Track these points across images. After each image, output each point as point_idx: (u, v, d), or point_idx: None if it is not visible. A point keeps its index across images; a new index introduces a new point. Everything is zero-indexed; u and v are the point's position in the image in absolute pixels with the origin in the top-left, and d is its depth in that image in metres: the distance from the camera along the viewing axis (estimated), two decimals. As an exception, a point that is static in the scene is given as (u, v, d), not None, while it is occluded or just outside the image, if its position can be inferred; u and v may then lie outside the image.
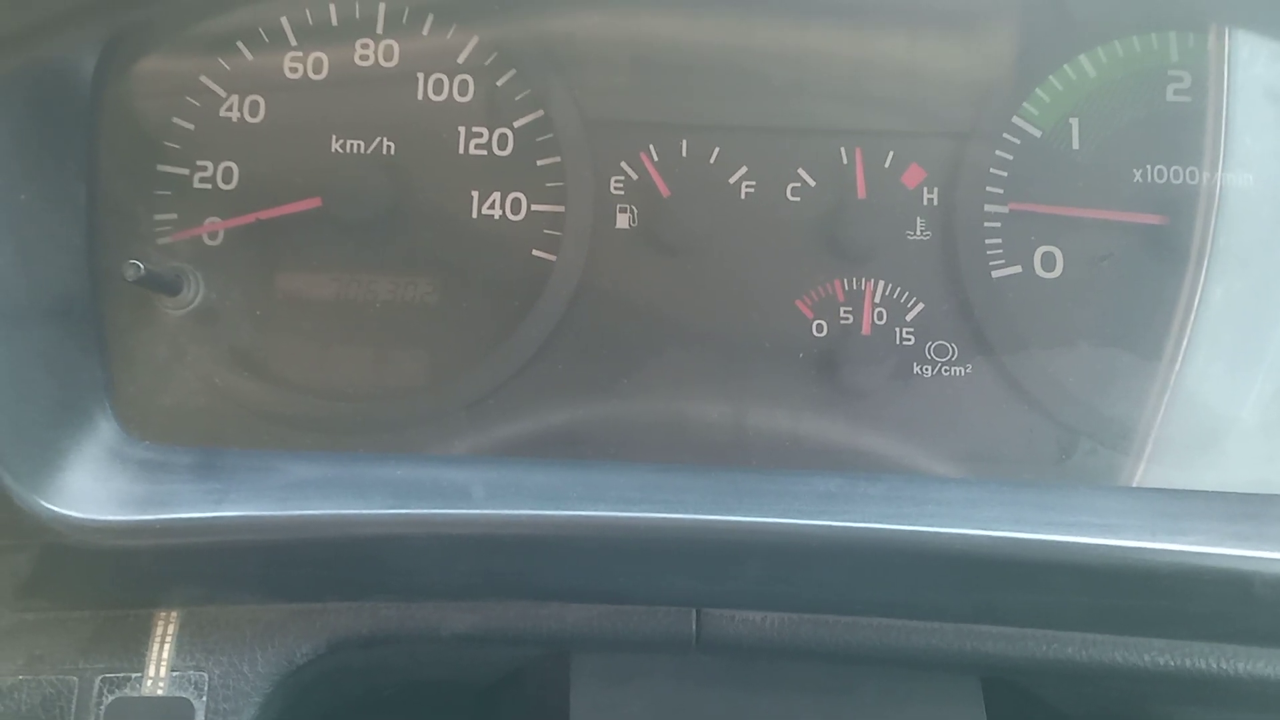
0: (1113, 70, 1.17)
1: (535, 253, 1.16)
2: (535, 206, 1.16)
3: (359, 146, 1.17)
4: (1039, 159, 1.16)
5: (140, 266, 1.06)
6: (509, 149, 1.17)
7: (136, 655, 0.97)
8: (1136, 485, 1.13)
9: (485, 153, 1.17)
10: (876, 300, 1.15)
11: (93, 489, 0.96)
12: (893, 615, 1.00)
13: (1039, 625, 1.00)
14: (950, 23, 1.18)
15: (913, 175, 1.17)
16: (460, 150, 1.17)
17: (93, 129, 1.12)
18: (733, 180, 1.17)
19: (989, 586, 0.98)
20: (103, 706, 0.94)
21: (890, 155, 1.17)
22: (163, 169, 1.16)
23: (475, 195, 1.16)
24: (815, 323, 1.15)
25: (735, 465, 1.11)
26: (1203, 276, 1.14)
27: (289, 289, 1.16)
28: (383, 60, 1.18)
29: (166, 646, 0.97)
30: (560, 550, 0.97)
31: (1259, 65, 1.17)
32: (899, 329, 1.15)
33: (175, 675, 0.96)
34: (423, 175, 1.17)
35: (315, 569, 0.99)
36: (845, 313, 1.15)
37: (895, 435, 1.13)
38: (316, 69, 1.18)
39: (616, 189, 1.17)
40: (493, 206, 1.16)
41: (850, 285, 1.16)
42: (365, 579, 1.00)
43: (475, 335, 1.15)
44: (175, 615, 0.98)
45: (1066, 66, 1.17)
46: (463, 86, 1.18)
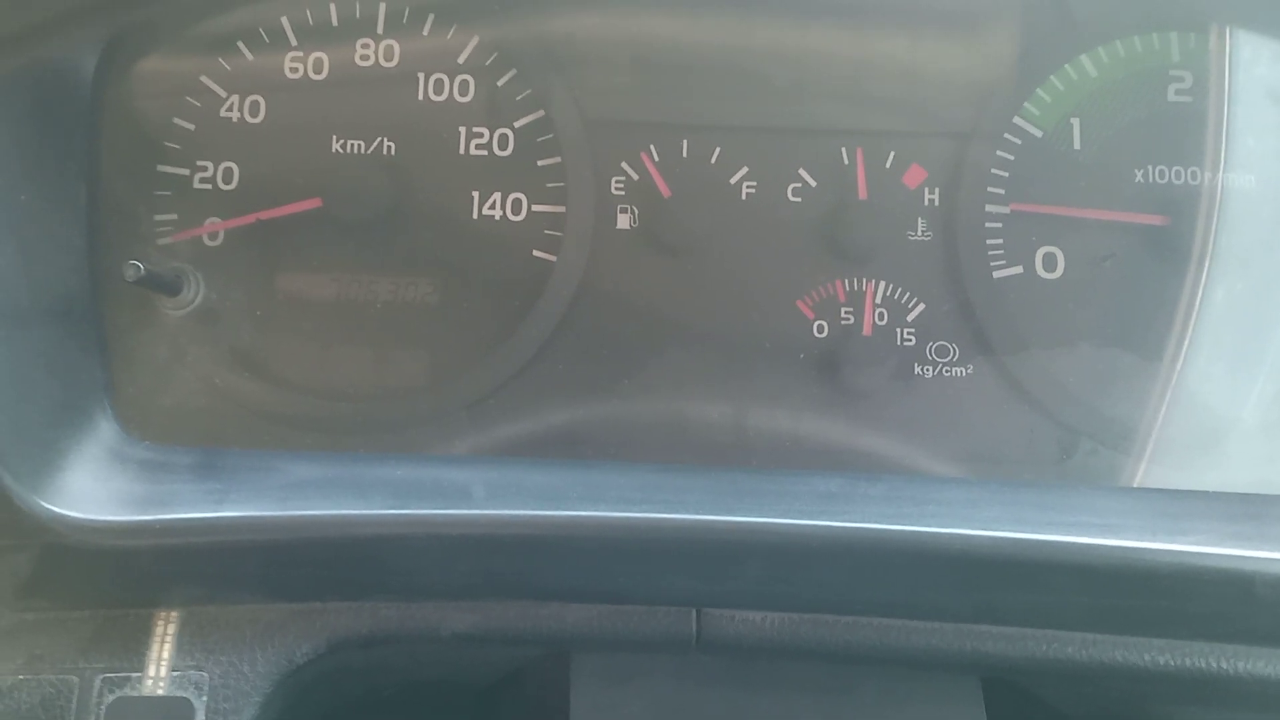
0: (1114, 70, 1.17)
1: (536, 253, 1.16)
2: (536, 207, 1.16)
3: (359, 147, 1.17)
4: (1040, 159, 1.16)
5: (140, 267, 1.06)
6: (509, 149, 1.17)
7: (137, 655, 0.97)
8: (1137, 485, 1.13)
9: (486, 153, 1.17)
10: (877, 301, 1.15)
11: (93, 489, 0.96)
12: (893, 615, 1.00)
13: (1039, 625, 1.00)
14: (951, 23, 1.18)
15: (914, 175, 1.17)
16: (461, 150, 1.17)
17: (93, 129, 1.12)
18: (734, 180, 1.17)
19: (989, 586, 0.98)
20: (103, 706, 0.94)
21: (891, 155, 1.17)
22: (163, 169, 1.16)
23: (476, 195, 1.16)
24: (816, 323, 1.15)
25: (736, 466, 1.11)
26: (1204, 277, 1.14)
27: (289, 289, 1.16)
28: (383, 60, 1.18)
29: (167, 646, 0.97)
30: (560, 550, 0.97)
31: (1260, 65, 1.17)
32: (900, 329, 1.15)
33: (175, 675, 0.96)
34: (423, 175, 1.17)
35: (315, 569, 0.99)
36: (846, 313, 1.15)
37: (896, 436, 1.13)
38: (317, 69, 1.18)
39: (617, 189, 1.17)
40: (493, 207, 1.16)
41: (851, 286, 1.16)
42: (365, 579, 1.00)
43: (476, 335, 1.15)
44: (175, 615, 0.98)
45: (1068, 66, 1.17)
46: (463, 87, 1.18)
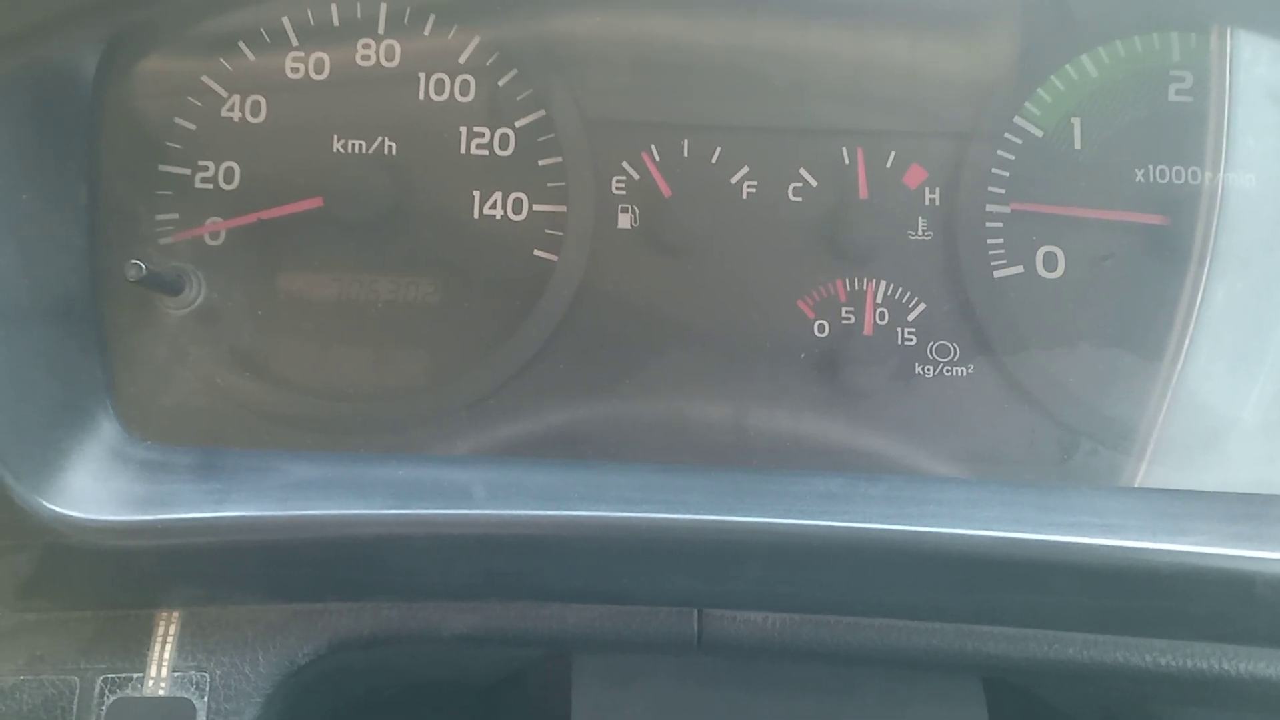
0: (1114, 70, 1.17)
1: (537, 253, 1.16)
2: (537, 206, 1.16)
3: (360, 146, 1.17)
4: (1041, 159, 1.16)
5: (142, 266, 1.06)
6: (510, 149, 1.17)
7: (138, 655, 0.97)
8: (1138, 486, 1.13)
9: (487, 153, 1.17)
10: (878, 300, 1.15)
11: (94, 489, 0.96)
12: (894, 615, 1.00)
13: (1040, 626, 0.99)
14: (952, 23, 1.18)
15: (914, 175, 1.17)
16: (462, 150, 1.17)
17: (94, 129, 1.12)
18: (734, 180, 1.17)
19: (990, 587, 0.98)
20: (104, 706, 0.94)
21: (892, 155, 1.17)
22: (164, 169, 1.16)
23: (477, 195, 1.16)
24: (817, 323, 1.15)
25: (737, 466, 1.11)
26: (1204, 277, 1.14)
27: (290, 289, 1.16)
28: (384, 60, 1.18)
29: (168, 646, 0.97)
30: (561, 550, 0.97)
31: (1261, 65, 1.17)
32: (901, 329, 1.15)
33: (177, 675, 0.96)
34: (424, 175, 1.17)
35: (316, 569, 0.99)
36: (847, 313, 1.15)
37: (897, 435, 1.13)
38: (318, 69, 1.18)
39: (618, 189, 1.17)
40: (494, 206, 1.16)
41: (852, 285, 1.16)
42: (366, 579, 1.00)
43: (476, 335, 1.15)
44: (176, 615, 0.98)
45: (1068, 66, 1.17)
46: (464, 86, 1.18)
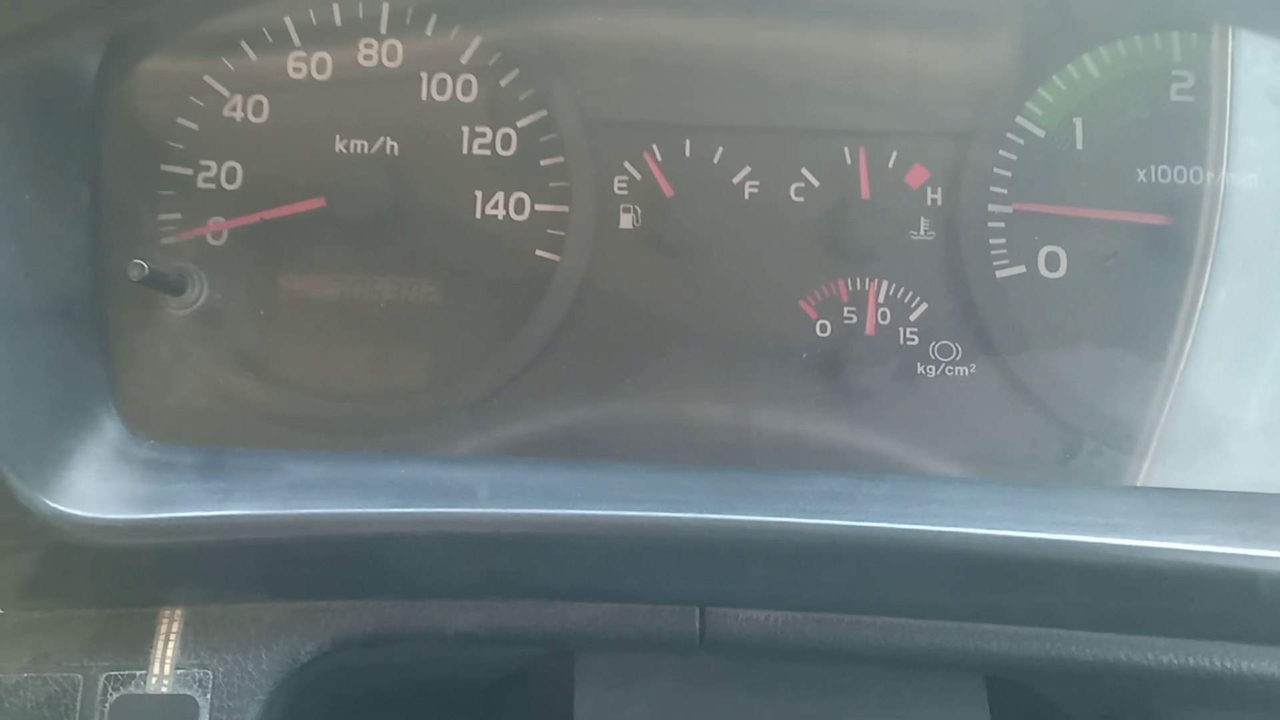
0: (1116, 70, 1.17)
1: (538, 253, 1.16)
2: (538, 206, 1.17)
3: (362, 146, 1.17)
4: (1043, 159, 1.16)
5: (144, 266, 1.06)
6: (512, 149, 1.17)
7: (141, 653, 0.96)
8: (1140, 485, 1.13)
9: (489, 153, 1.17)
10: (880, 300, 1.15)
11: (97, 488, 0.96)
12: (897, 614, 1.00)
13: (1043, 624, 0.99)
14: (953, 23, 1.18)
15: (916, 175, 1.17)
16: (464, 150, 1.17)
17: (96, 129, 1.12)
18: (736, 180, 1.17)
19: (993, 586, 0.98)
20: (107, 704, 0.94)
21: (894, 155, 1.17)
22: (166, 169, 1.16)
23: (479, 195, 1.16)
24: (819, 323, 1.15)
25: (739, 466, 1.11)
26: (1206, 277, 1.14)
27: (292, 289, 1.16)
28: (386, 60, 1.19)
29: (171, 644, 0.97)
30: (564, 549, 0.97)
31: (1262, 65, 1.17)
32: (903, 329, 1.15)
33: (180, 673, 0.96)
34: (426, 175, 1.17)
35: (319, 568, 0.99)
36: (849, 313, 1.15)
37: (899, 435, 1.13)
38: (320, 69, 1.18)
39: (620, 189, 1.17)
40: (496, 206, 1.16)
41: (854, 285, 1.16)
42: (369, 578, 1.00)
43: (478, 335, 1.15)
44: (180, 613, 0.98)
45: (1070, 66, 1.17)
46: (466, 87, 1.18)
